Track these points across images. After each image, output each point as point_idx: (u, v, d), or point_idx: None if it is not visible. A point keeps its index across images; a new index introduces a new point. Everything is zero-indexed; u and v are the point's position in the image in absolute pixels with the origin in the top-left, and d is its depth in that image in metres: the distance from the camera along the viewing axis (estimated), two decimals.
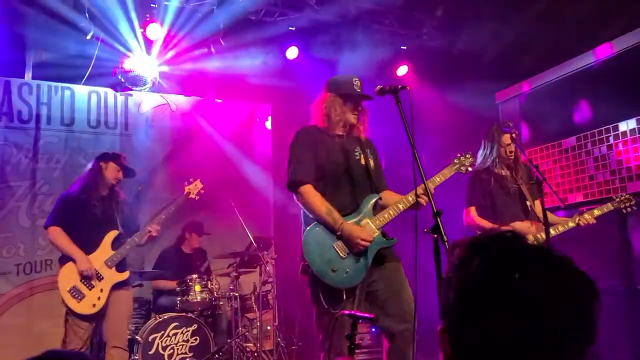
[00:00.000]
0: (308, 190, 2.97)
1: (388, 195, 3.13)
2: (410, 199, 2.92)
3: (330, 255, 2.87)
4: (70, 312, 3.90)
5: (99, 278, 3.95)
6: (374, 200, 3.03)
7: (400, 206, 2.96)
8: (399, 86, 2.76)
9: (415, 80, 6.69)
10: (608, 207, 3.80)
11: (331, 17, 6.23)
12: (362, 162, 3.11)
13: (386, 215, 2.97)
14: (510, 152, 3.92)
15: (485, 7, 5.67)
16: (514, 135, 3.67)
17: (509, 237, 0.94)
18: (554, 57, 5.46)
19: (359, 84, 3.13)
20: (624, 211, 3.78)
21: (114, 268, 4.01)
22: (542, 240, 3.52)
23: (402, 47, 6.63)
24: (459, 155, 3.24)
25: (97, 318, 3.98)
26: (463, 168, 3.21)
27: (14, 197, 5.52)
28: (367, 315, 2.49)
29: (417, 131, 2.68)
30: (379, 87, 2.87)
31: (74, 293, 3.86)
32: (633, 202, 3.74)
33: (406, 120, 2.71)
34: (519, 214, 3.91)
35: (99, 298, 3.91)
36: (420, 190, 2.78)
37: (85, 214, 4.00)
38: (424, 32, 6.46)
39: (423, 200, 2.85)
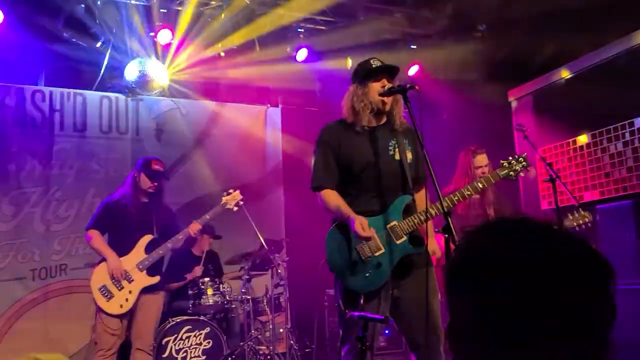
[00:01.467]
0: (325, 194, 2.89)
1: (421, 197, 2.89)
2: (439, 205, 2.64)
3: (352, 256, 2.75)
4: (99, 310, 4.04)
5: (129, 280, 4.05)
6: (406, 202, 2.83)
7: (432, 212, 2.75)
8: (408, 85, 2.72)
9: (426, 79, 6.64)
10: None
11: (340, 17, 6.21)
12: (397, 157, 2.87)
13: (416, 220, 2.77)
14: (483, 173, 3.93)
15: (496, 3, 5.61)
16: (525, 133, 3.62)
17: (510, 222, 0.89)
18: (567, 53, 5.39)
19: (378, 62, 2.88)
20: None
21: (144, 271, 4.10)
22: None
23: (412, 47, 6.59)
24: (510, 158, 2.94)
25: (126, 319, 4.08)
26: (513, 173, 2.91)
27: (28, 203, 5.58)
28: (377, 317, 2.46)
29: (427, 130, 2.65)
30: (387, 86, 2.84)
31: (104, 292, 4.00)
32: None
33: (416, 120, 2.69)
34: None
35: (127, 299, 4.02)
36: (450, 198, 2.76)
37: (122, 218, 4.14)
38: (434, 31, 6.41)
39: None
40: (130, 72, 5.93)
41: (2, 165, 5.49)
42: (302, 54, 6.33)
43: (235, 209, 4.44)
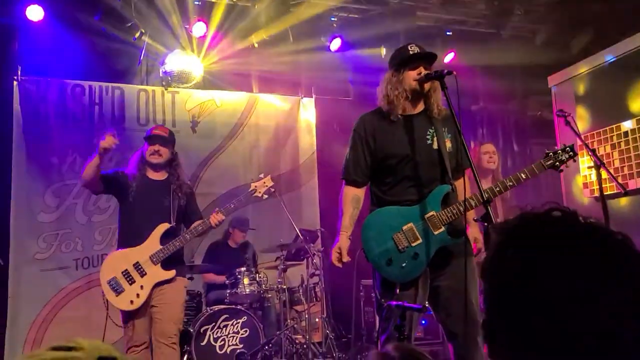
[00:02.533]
0: (345, 191, 2.97)
1: (461, 186, 2.73)
2: (479, 196, 2.55)
3: (388, 246, 2.71)
4: (110, 304, 3.71)
5: (142, 273, 3.63)
6: (445, 192, 2.76)
7: (473, 202, 2.68)
8: (445, 71, 2.66)
9: (462, 66, 6.51)
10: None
11: (373, 5, 6.14)
12: (435, 145, 2.80)
13: (455, 211, 2.71)
14: (490, 158, 4.16)
15: None
16: (567, 119, 3.48)
17: (552, 218, 0.84)
18: (611, 35, 5.19)
19: (416, 48, 2.80)
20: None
21: (159, 265, 3.64)
22: None
23: (448, 33, 6.47)
24: (556, 148, 2.81)
25: (144, 315, 3.67)
26: (559, 164, 2.76)
27: (70, 195, 5.73)
28: (414, 305, 2.43)
29: (466, 118, 2.59)
30: (424, 73, 2.79)
31: (114, 285, 3.61)
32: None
33: (453, 107, 2.63)
34: None
35: (138, 295, 3.60)
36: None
37: (135, 200, 3.71)
38: (470, 17, 6.27)
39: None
40: (167, 65, 6.03)
41: (45, 158, 5.65)
42: (336, 43, 6.29)
43: (265, 197, 3.91)
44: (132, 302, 3.59)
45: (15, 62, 5.55)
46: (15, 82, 5.59)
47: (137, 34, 5.73)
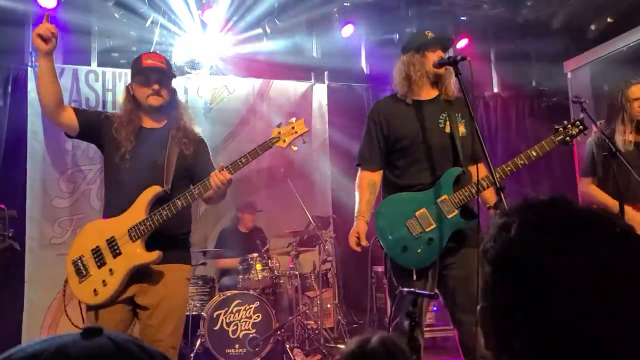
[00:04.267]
0: (360, 176, 2.97)
1: (480, 170, 2.66)
2: (491, 177, 2.53)
3: (402, 233, 2.71)
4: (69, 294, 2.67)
5: (115, 253, 2.57)
6: (455, 175, 2.75)
7: (484, 184, 2.67)
8: (459, 57, 2.64)
9: (476, 51, 6.44)
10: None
11: None
12: (447, 129, 2.81)
13: (467, 194, 2.70)
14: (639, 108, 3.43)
15: None
16: (584, 105, 3.41)
17: (556, 201, 0.82)
18: (629, 20, 5.09)
19: (431, 33, 2.87)
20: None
21: (139, 242, 2.56)
22: None
23: (462, 18, 6.39)
24: (565, 122, 2.77)
25: (116, 315, 2.58)
26: (569, 138, 2.74)
27: (85, 180, 5.79)
28: (426, 292, 2.44)
29: (479, 103, 2.55)
30: (438, 58, 2.78)
31: (79, 267, 2.61)
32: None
33: (466, 93, 2.61)
34: None
35: (104, 283, 2.55)
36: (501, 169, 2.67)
37: (126, 158, 2.70)
38: (485, 1, 6.18)
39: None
40: (179, 51, 6.02)
41: (60, 144, 5.71)
42: (348, 29, 6.26)
43: (294, 148, 2.77)
44: (95, 292, 2.54)
45: (29, 49, 5.59)
46: (29, 69, 5.63)
47: (150, 20, 5.73)
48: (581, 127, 2.75)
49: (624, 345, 0.72)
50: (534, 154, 2.72)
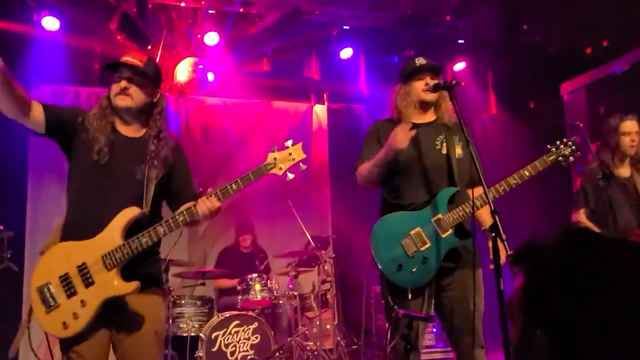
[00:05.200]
0: (360, 168, 2.91)
1: (476, 192, 2.66)
2: (485, 197, 2.53)
3: (397, 252, 2.73)
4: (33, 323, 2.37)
5: (87, 282, 2.28)
6: (450, 194, 2.78)
7: (478, 204, 2.69)
8: (454, 82, 2.68)
9: (474, 74, 6.51)
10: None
11: (385, 12, 6.17)
12: (444, 151, 2.84)
13: (461, 213, 2.73)
14: (632, 142, 3.56)
15: None
16: (579, 129, 3.46)
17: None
18: (624, 44, 5.16)
19: (423, 60, 2.88)
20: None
21: (115, 271, 2.28)
22: None
23: (460, 41, 6.48)
24: (557, 142, 2.79)
25: (93, 346, 2.32)
26: (562, 158, 2.76)
27: None
28: (421, 315, 2.45)
29: (477, 127, 2.59)
30: (432, 83, 2.83)
31: (45, 296, 2.29)
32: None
33: (462, 117, 2.64)
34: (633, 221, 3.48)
35: (75, 316, 2.26)
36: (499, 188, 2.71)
37: (95, 166, 2.37)
38: (483, 24, 6.27)
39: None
40: (180, 73, 6.10)
41: (61, 165, 5.70)
42: (347, 52, 6.36)
43: (291, 176, 2.49)
44: (65, 325, 2.26)
45: (32, 71, 5.66)
46: (31, 90, 5.69)
47: (151, 43, 5.82)
48: (573, 147, 2.78)
49: None
50: (527, 173, 2.74)
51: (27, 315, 2.37)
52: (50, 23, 5.43)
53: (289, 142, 2.49)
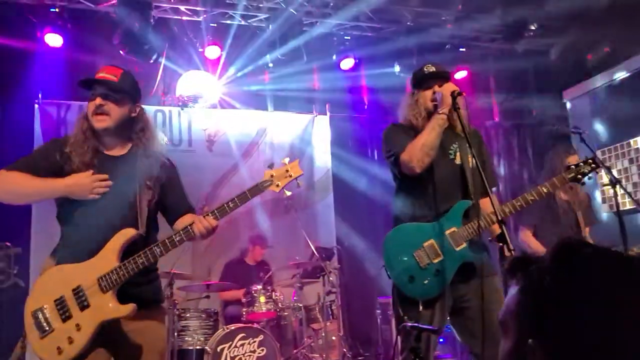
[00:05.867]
0: (407, 149, 2.72)
1: (486, 204, 2.64)
2: (499, 212, 2.45)
3: (410, 263, 2.69)
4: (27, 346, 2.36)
5: (82, 305, 2.23)
6: (465, 207, 2.73)
7: (494, 218, 2.61)
8: (455, 92, 2.68)
9: (476, 82, 6.52)
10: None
11: (386, 23, 6.20)
12: (457, 161, 2.79)
13: (476, 227, 2.67)
14: None
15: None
16: (582, 135, 3.46)
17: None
18: (627, 49, 5.16)
19: (432, 67, 2.83)
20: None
21: (110, 293, 2.22)
22: None
23: (462, 49, 6.49)
24: (578, 160, 2.80)
25: None
26: (581, 176, 2.76)
27: None
28: (429, 327, 2.42)
29: (481, 133, 2.58)
30: (434, 93, 2.81)
31: (40, 320, 2.25)
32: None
33: (464, 126, 2.63)
34: None
35: (70, 340, 2.19)
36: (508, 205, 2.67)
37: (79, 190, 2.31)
38: (484, 32, 6.29)
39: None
40: (182, 86, 6.13)
41: None
42: (348, 62, 6.39)
43: (288, 193, 2.45)
44: (59, 350, 2.19)
45: (36, 86, 5.70)
46: (36, 106, 5.73)
47: (154, 57, 5.85)
48: (593, 165, 2.78)
49: None
50: (545, 190, 2.71)
51: (20, 341, 2.37)
52: (54, 39, 5.47)
53: (286, 159, 2.45)
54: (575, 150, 4.01)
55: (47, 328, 2.22)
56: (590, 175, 2.79)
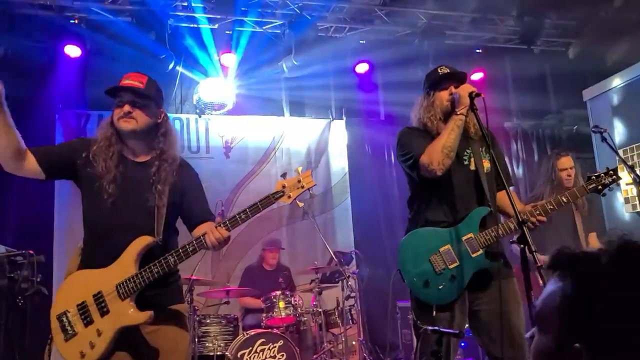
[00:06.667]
0: (425, 152, 2.65)
1: (504, 200, 2.69)
2: (516, 218, 2.42)
3: (425, 267, 2.67)
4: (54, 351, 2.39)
5: (102, 311, 2.29)
6: (483, 214, 2.70)
7: (511, 226, 2.61)
8: (474, 93, 2.65)
9: (494, 83, 6.47)
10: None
11: (402, 27, 6.18)
12: (472, 167, 2.76)
13: (493, 234, 2.65)
14: (568, 176, 3.99)
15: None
16: (604, 134, 3.40)
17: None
18: None
19: (445, 69, 2.79)
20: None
21: (129, 300, 2.28)
22: None
23: (478, 51, 6.45)
24: (598, 171, 2.78)
25: None
26: (602, 187, 2.74)
27: None
28: (451, 330, 2.39)
29: (499, 137, 2.55)
30: (449, 96, 2.78)
31: (64, 323, 2.32)
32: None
33: (483, 127, 2.61)
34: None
35: (91, 345, 2.26)
36: (528, 209, 2.63)
37: (106, 195, 2.34)
38: (500, 33, 6.24)
39: (534, 220, 2.61)
40: (200, 93, 6.19)
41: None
42: (363, 67, 6.40)
43: (301, 204, 2.46)
44: (82, 354, 2.26)
45: (56, 97, 5.80)
46: (56, 115, 5.83)
47: (172, 65, 5.92)
48: (614, 177, 2.74)
49: None
50: (564, 199, 2.69)
51: (47, 344, 2.39)
52: (73, 50, 5.57)
53: (300, 168, 2.44)
54: (566, 152, 4.12)
55: (70, 332, 2.30)
56: (611, 186, 2.75)
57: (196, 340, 4.63)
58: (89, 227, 2.43)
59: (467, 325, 2.76)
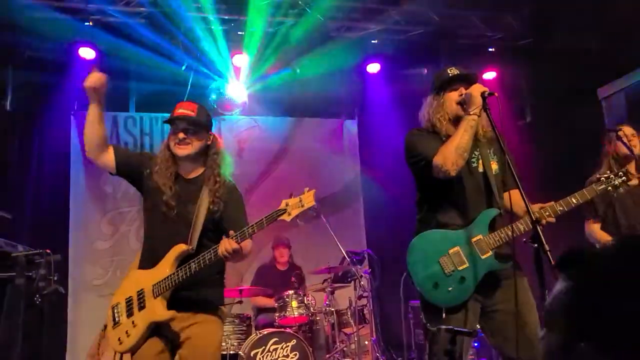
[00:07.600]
0: (438, 153, 2.63)
1: (515, 197, 2.60)
2: (528, 220, 2.45)
3: (434, 269, 2.65)
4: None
5: (141, 306, 2.63)
6: (492, 216, 2.68)
7: (521, 227, 2.58)
8: (487, 93, 2.63)
9: (506, 82, 6.43)
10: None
11: (415, 26, 6.17)
12: (480, 169, 2.74)
13: (502, 235, 2.63)
14: (634, 145, 3.67)
15: None
16: (619, 133, 3.37)
17: None
18: None
19: (455, 70, 2.76)
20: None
21: (160, 299, 2.57)
22: None
23: (490, 50, 6.41)
24: (608, 172, 2.76)
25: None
26: (612, 188, 2.70)
27: (124, 222, 5.96)
28: (464, 329, 2.38)
29: (512, 136, 2.53)
30: (459, 97, 2.76)
31: (114, 313, 2.72)
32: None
33: (497, 127, 2.60)
34: None
35: (127, 333, 2.62)
36: (538, 209, 2.57)
37: (162, 207, 2.68)
38: (513, 32, 6.20)
39: (545, 221, 2.56)
40: (212, 94, 6.23)
41: (100, 188, 5.91)
42: (374, 67, 6.39)
43: (300, 223, 2.82)
44: (120, 340, 2.64)
45: (72, 98, 5.86)
46: (72, 116, 5.90)
47: (184, 66, 5.96)
48: (624, 177, 2.69)
49: None
50: (574, 201, 2.64)
51: (102, 331, 2.81)
52: (87, 53, 5.64)
53: (306, 189, 2.61)
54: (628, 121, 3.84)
55: (117, 320, 2.68)
56: (621, 188, 2.71)
57: None
58: (145, 235, 2.81)
59: (478, 325, 2.75)
